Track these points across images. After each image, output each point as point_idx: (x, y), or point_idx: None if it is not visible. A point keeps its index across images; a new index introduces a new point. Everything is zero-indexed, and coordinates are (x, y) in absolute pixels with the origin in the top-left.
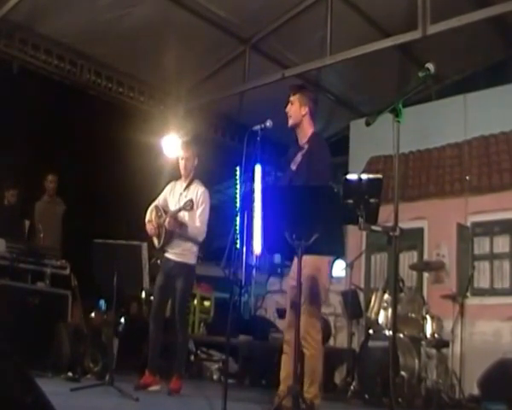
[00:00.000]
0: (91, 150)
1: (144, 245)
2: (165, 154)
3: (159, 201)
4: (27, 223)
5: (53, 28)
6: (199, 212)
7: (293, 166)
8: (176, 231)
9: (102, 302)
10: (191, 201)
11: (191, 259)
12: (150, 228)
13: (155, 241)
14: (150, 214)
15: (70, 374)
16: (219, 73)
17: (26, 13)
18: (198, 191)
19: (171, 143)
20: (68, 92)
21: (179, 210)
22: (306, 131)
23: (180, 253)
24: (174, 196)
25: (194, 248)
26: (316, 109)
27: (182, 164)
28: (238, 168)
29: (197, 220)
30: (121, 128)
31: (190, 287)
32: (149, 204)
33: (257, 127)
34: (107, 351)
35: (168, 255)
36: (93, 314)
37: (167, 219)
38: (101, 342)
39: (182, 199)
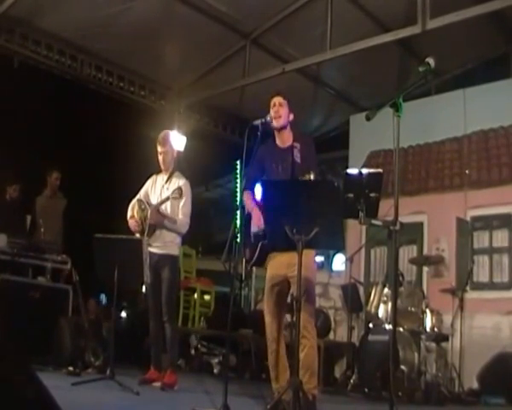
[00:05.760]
0: (92, 145)
1: (145, 240)
2: None
3: (140, 195)
4: (29, 218)
5: (53, 23)
6: (181, 204)
7: (298, 159)
8: (159, 223)
9: (103, 296)
10: (180, 188)
11: (174, 250)
12: (133, 224)
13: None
14: (132, 210)
15: (71, 368)
16: (220, 68)
17: (26, 8)
18: (180, 183)
19: (172, 138)
20: (69, 87)
21: (167, 199)
22: (288, 136)
23: (163, 245)
24: (155, 189)
25: (178, 240)
26: None
27: (160, 158)
28: (238, 163)
29: (180, 212)
30: (122, 122)
31: (176, 277)
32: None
33: (257, 122)
34: (107, 345)
35: (152, 249)
36: (91, 307)
37: (149, 212)
38: (101, 336)
39: (164, 191)
